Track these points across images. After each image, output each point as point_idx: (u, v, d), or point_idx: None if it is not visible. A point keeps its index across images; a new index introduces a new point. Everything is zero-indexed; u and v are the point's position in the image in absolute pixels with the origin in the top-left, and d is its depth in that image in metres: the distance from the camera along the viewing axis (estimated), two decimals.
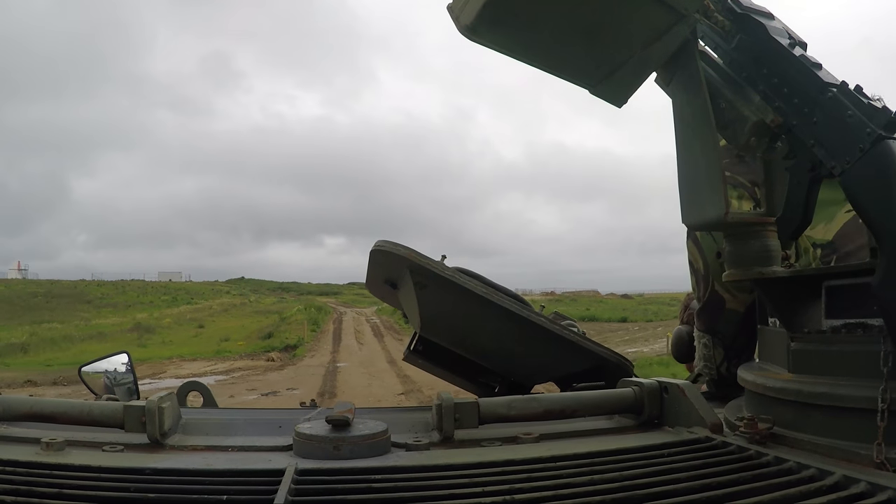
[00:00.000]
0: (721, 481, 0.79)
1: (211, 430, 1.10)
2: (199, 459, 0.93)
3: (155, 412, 0.99)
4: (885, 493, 0.73)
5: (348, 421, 0.98)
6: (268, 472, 0.85)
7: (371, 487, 0.80)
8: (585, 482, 0.80)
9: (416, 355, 2.09)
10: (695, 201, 1.18)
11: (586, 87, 1.23)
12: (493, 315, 1.68)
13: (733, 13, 1.14)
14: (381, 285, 1.91)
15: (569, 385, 1.70)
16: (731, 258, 1.20)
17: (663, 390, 1.13)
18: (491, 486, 0.79)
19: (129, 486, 0.78)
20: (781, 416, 1.01)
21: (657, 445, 0.98)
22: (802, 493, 0.75)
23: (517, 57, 1.20)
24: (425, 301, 1.70)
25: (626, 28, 1.12)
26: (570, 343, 1.74)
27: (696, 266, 1.71)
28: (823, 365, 0.99)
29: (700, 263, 1.69)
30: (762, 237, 1.17)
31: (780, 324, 1.13)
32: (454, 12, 1.14)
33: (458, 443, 1.03)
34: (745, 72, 1.12)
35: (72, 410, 1.05)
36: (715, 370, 1.70)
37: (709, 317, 1.70)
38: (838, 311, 1.01)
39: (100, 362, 2.16)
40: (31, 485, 0.77)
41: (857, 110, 0.94)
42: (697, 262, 1.70)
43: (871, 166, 0.92)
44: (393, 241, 1.67)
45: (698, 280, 1.72)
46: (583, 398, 1.16)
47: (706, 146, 1.13)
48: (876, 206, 0.92)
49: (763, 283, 1.15)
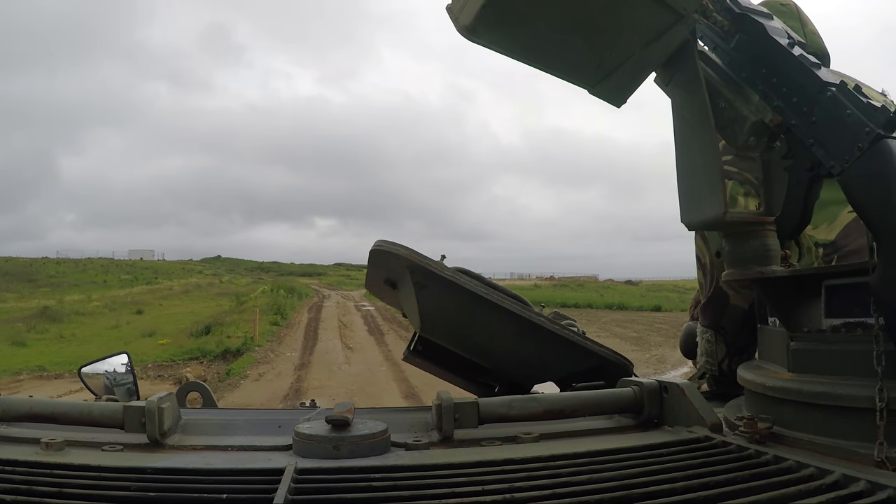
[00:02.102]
0: (720, 480, 0.80)
1: (211, 430, 1.10)
2: (199, 459, 0.93)
3: (155, 412, 0.99)
4: (885, 492, 0.73)
5: (348, 421, 0.98)
6: (267, 471, 0.85)
7: (371, 487, 0.80)
8: (585, 481, 0.81)
9: (415, 355, 2.10)
10: (694, 200, 1.18)
11: (585, 87, 1.24)
12: (493, 315, 1.68)
13: (732, 13, 1.14)
14: (380, 285, 1.92)
15: (569, 385, 1.70)
16: (731, 257, 1.20)
17: (663, 390, 1.13)
18: (490, 486, 0.79)
19: (129, 485, 0.78)
20: (781, 415, 1.01)
21: (656, 445, 0.98)
22: (802, 492, 0.75)
23: (516, 57, 1.20)
24: (425, 301, 1.70)
25: (625, 28, 1.13)
26: (570, 343, 1.74)
27: (703, 261, 1.72)
28: (823, 364, 0.99)
29: (707, 258, 1.69)
30: (761, 236, 1.17)
31: (779, 323, 1.13)
32: (453, 13, 1.14)
33: (458, 442, 1.03)
34: (745, 71, 1.12)
35: (71, 411, 1.05)
36: (716, 366, 1.70)
37: (713, 312, 1.70)
38: (838, 311, 1.01)
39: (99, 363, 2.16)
40: (30, 484, 0.78)
41: (856, 109, 0.94)
42: (704, 257, 1.70)
43: (870, 166, 0.92)
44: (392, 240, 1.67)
45: (704, 274, 1.72)
46: (583, 398, 1.16)
47: (705, 146, 1.13)
48: (875, 205, 0.92)
49: (762, 282, 1.15)
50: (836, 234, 1.60)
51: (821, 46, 1.80)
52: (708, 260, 1.69)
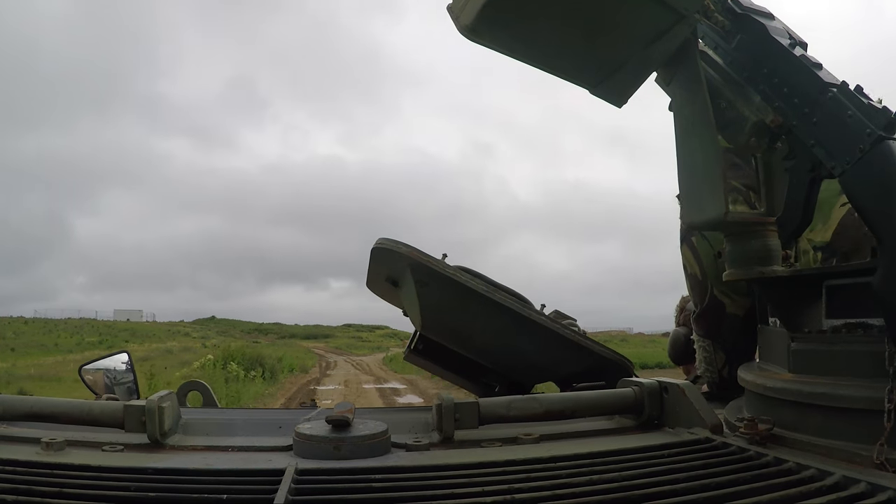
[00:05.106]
0: (721, 482, 0.79)
1: (211, 430, 1.10)
2: (199, 459, 0.93)
3: (155, 412, 0.99)
4: (886, 494, 0.73)
5: (348, 421, 0.98)
6: (268, 471, 0.85)
7: (371, 487, 0.80)
8: (585, 482, 0.80)
9: (416, 354, 2.09)
10: (695, 201, 1.18)
11: (587, 87, 1.23)
12: (495, 314, 1.68)
13: (733, 13, 1.14)
14: (381, 283, 1.92)
15: (569, 385, 1.70)
16: (732, 258, 1.20)
17: (663, 390, 1.13)
18: (491, 487, 0.79)
19: (130, 485, 0.78)
20: (781, 416, 1.00)
21: (657, 446, 0.98)
22: (802, 493, 0.75)
23: (517, 57, 1.19)
24: (426, 299, 1.70)
25: (626, 28, 1.12)
26: (571, 342, 1.74)
27: (690, 271, 1.71)
28: (824, 365, 0.99)
29: (696, 269, 1.69)
30: (762, 237, 1.17)
31: (780, 324, 1.13)
32: (454, 13, 1.14)
33: (458, 443, 1.03)
34: (746, 72, 1.12)
35: (72, 410, 1.05)
36: (716, 374, 1.69)
37: (708, 322, 1.70)
38: (839, 311, 1.01)
39: (100, 361, 2.16)
40: (31, 484, 0.77)
41: (857, 111, 0.94)
42: (693, 268, 1.70)
43: (871, 167, 0.92)
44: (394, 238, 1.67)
45: (694, 285, 1.71)
46: (583, 398, 1.16)
47: (706, 146, 1.13)
48: (876, 206, 0.92)
49: (763, 282, 1.15)
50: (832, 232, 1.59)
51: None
52: (697, 270, 1.68)
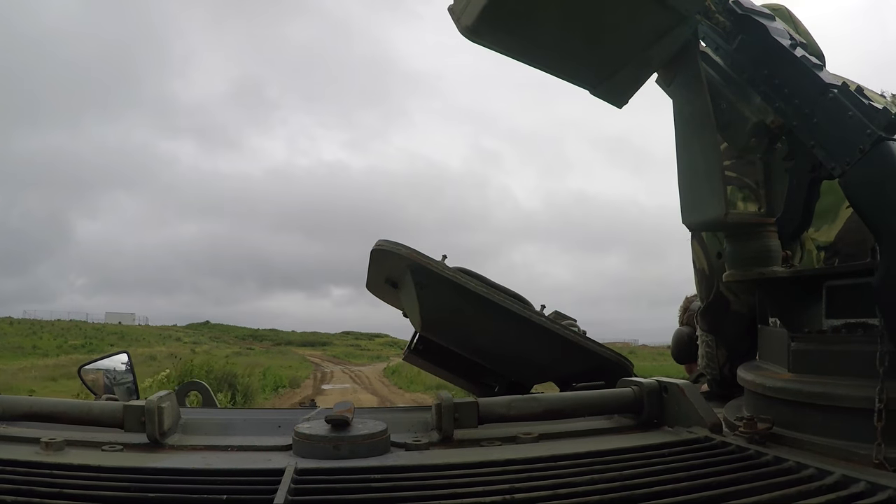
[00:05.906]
0: (720, 481, 0.79)
1: (210, 430, 1.10)
2: (199, 459, 0.93)
3: (154, 412, 0.99)
4: (885, 493, 0.73)
5: (348, 421, 0.98)
6: (267, 471, 0.85)
7: (370, 487, 0.80)
8: (585, 482, 0.80)
9: (416, 355, 2.10)
10: (695, 201, 1.18)
11: (587, 88, 1.23)
12: (494, 315, 1.68)
13: (734, 14, 1.14)
14: (381, 285, 1.92)
15: (569, 385, 1.70)
16: (732, 258, 1.20)
17: (663, 390, 1.13)
18: (490, 486, 0.79)
19: (129, 485, 0.78)
20: (781, 415, 1.00)
21: (657, 445, 0.98)
22: (802, 492, 0.75)
23: (518, 58, 1.19)
24: (426, 301, 1.70)
25: (627, 29, 1.12)
26: (571, 342, 1.74)
27: (699, 266, 1.72)
28: (824, 365, 0.99)
29: (704, 264, 1.69)
30: (762, 237, 1.17)
31: (780, 323, 1.13)
32: (455, 14, 1.14)
33: (458, 442, 1.03)
34: (746, 73, 1.12)
35: (71, 410, 1.05)
36: (718, 370, 1.70)
37: (712, 317, 1.70)
38: (839, 311, 1.01)
39: (100, 362, 2.16)
40: (30, 484, 0.77)
41: (857, 111, 0.94)
42: (701, 263, 1.70)
43: (871, 168, 0.92)
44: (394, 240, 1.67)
45: (701, 280, 1.72)
46: (583, 398, 1.16)
47: (706, 146, 1.13)
48: (876, 206, 0.92)
49: (763, 283, 1.15)
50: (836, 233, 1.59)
51: (815, 48, 1.80)
52: (705, 265, 1.69)
